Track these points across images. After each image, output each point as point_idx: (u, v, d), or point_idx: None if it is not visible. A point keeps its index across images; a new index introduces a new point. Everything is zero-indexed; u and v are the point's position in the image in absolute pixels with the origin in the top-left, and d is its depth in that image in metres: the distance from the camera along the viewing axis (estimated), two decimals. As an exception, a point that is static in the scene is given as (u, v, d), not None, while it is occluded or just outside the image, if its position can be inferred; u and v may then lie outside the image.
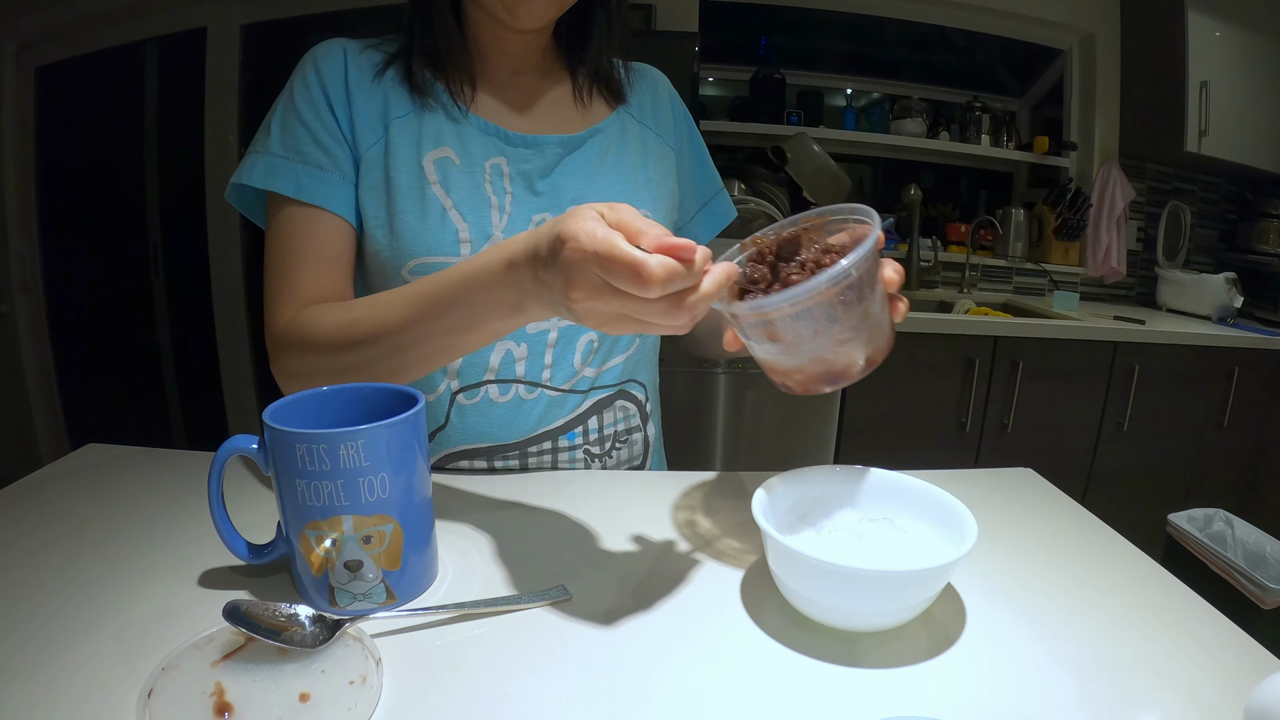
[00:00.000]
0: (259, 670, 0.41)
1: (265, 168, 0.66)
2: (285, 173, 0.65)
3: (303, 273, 0.66)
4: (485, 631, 0.47)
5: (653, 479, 0.74)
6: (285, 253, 0.67)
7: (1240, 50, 2.30)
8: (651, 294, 0.41)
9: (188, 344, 2.61)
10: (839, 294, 0.45)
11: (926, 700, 0.42)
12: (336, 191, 0.67)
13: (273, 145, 0.67)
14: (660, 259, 0.40)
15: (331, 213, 0.67)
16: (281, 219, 0.67)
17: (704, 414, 1.98)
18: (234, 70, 2.34)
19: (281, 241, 0.67)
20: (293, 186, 0.65)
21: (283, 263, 0.67)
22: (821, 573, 0.45)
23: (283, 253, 0.67)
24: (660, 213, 0.77)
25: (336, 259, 0.68)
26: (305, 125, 0.66)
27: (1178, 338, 2.08)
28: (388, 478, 0.46)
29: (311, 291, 0.66)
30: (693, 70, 2.08)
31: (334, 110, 0.67)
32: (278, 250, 0.67)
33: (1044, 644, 0.48)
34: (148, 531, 0.58)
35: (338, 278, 0.68)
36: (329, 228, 0.67)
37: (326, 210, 0.66)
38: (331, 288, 0.68)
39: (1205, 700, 0.43)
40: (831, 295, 0.44)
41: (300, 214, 0.66)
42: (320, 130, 0.66)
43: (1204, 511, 1.46)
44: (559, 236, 0.43)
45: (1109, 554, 0.62)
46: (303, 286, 0.66)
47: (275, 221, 0.67)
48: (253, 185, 0.66)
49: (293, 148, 0.66)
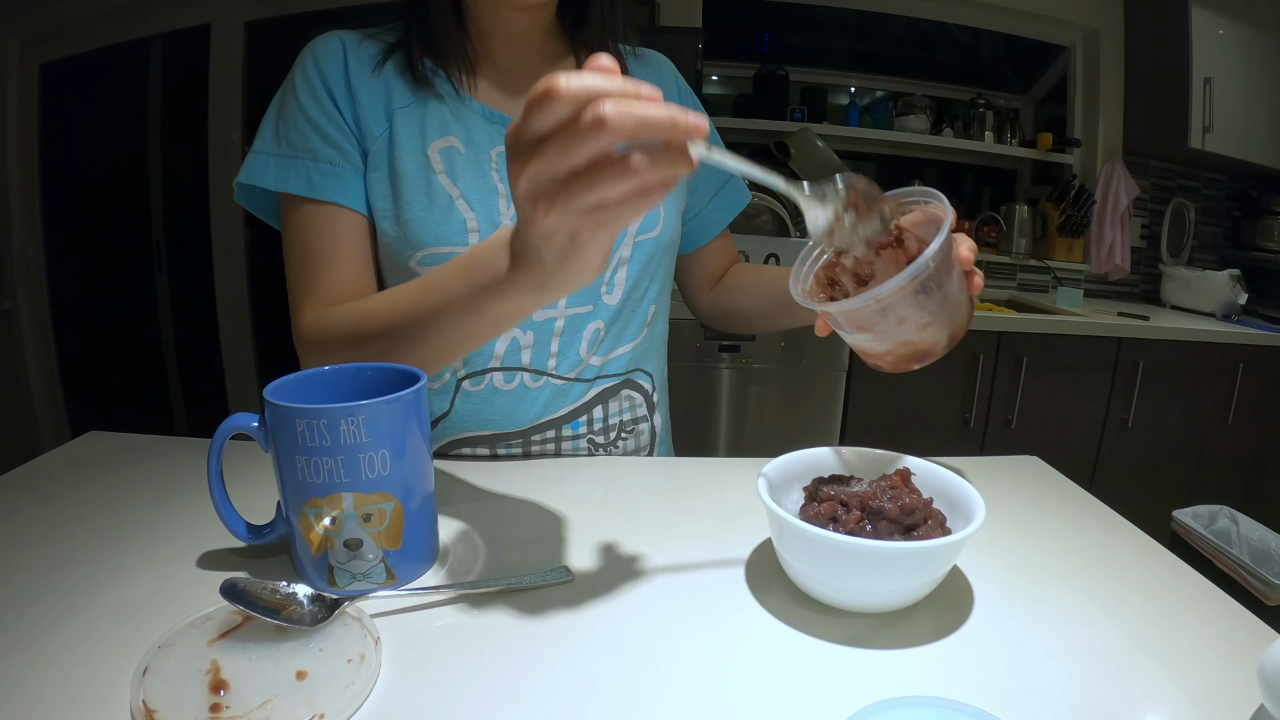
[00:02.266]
0: (255, 648, 0.40)
1: (277, 168, 0.65)
2: (296, 172, 0.65)
3: (323, 272, 0.66)
4: (487, 612, 0.47)
5: (656, 464, 0.73)
6: (305, 254, 0.66)
7: (1244, 46, 2.30)
8: (561, 109, 0.34)
9: (190, 340, 2.61)
10: (919, 287, 0.46)
11: (933, 681, 0.42)
12: (350, 186, 0.66)
13: (280, 144, 0.66)
14: None
15: (347, 208, 0.66)
16: (298, 219, 0.66)
17: (708, 408, 1.98)
18: (237, 67, 2.35)
19: (300, 242, 0.66)
20: (305, 185, 0.65)
21: (304, 264, 0.66)
22: (827, 551, 0.45)
23: (303, 254, 0.66)
24: (668, 198, 0.77)
25: (357, 254, 0.67)
26: (311, 121, 0.66)
27: (1182, 334, 2.07)
28: (388, 455, 0.45)
29: (334, 290, 0.65)
30: (696, 67, 2.07)
31: (337, 103, 0.66)
32: (298, 251, 0.66)
33: (1051, 627, 0.47)
34: (147, 514, 0.58)
35: (360, 273, 0.68)
36: (346, 224, 0.67)
37: (342, 206, 0.66)
38: (354, 284, 0.67)
39: (1213, 681, 0.42)
40: (912, 289, 0.46)
41: (316, 212, 0.66)
42: (327, 125, 0.66)
43: (1209, 508, 1.46)
44: None
45: (1115, 539, 0.61)
46: (325, 286, 0.65)
47: (291, 221, 0.67)
48: (265, 187, 0.66)
49: (301, 146, 0.65)
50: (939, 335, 0.51)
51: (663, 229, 0.76)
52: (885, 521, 0.48)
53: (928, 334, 0.51)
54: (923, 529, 0.47)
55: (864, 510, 0.48)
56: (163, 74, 2.41)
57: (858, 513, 0.48)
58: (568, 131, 0.35)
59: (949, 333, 0.52)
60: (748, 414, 2.00)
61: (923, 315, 0.49)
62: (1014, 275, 2.65)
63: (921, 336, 0.51)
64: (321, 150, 0.65)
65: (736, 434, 2.01)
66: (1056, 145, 2.58)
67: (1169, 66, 2.30)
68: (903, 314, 0.48)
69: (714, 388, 1.96)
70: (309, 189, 0.65)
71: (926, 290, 0.47)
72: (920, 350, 0.52)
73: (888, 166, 2.78)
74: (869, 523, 0.48)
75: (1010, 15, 2.54)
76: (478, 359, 0.72)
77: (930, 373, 2.20)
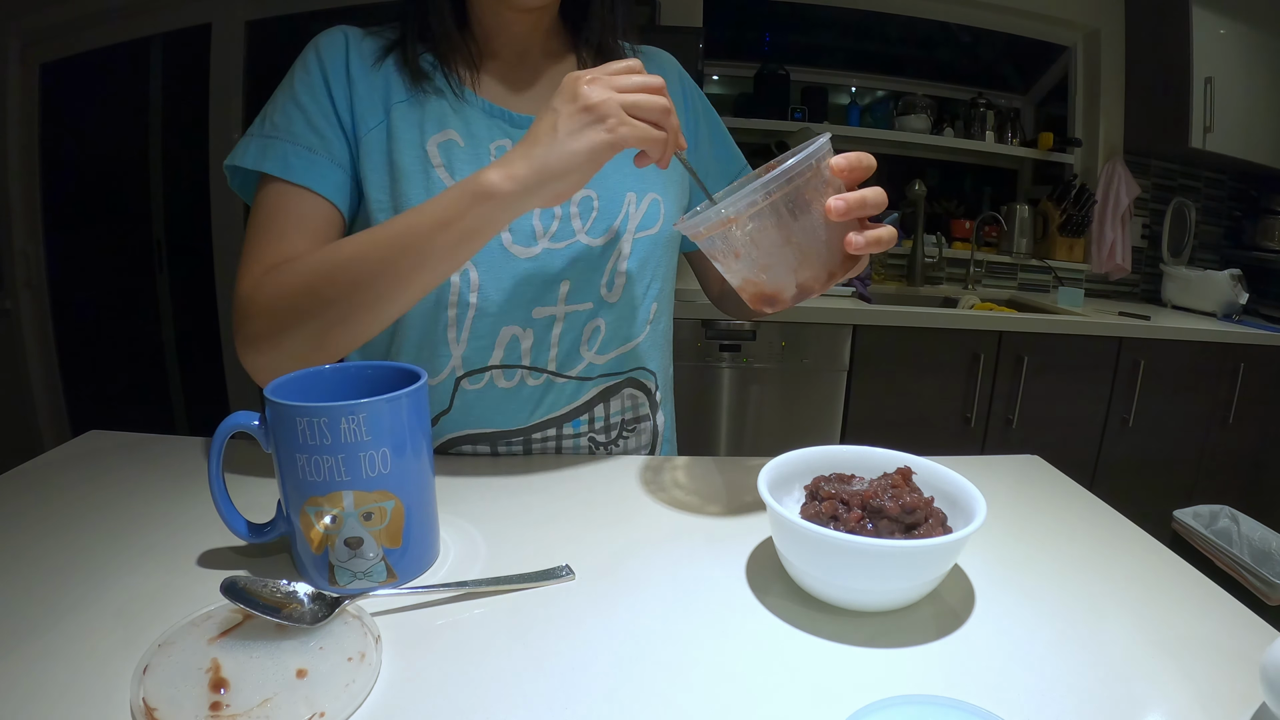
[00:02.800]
0: (256, 646, 0.40)
1: (257, 148, 0.65)
2: (275, 152, 0.65)
3: (278, 243, 0.64)
4: (488, 610, 0.47)
5: (657, 462, 0.73)
6: (261, 225, 0.65)
7: (1245, 46, 2.30)
8: None
9: (190, 340, 2.61)
10: (749, 220, 0.47)
11: (935, 680, 0.42)
12: (325, 174, 0.66)
13: (266, 127, 0.66)
14: None
15: (318, 194, 0.66)
16: (266, 195, 0.66)
17: (708, 408, 1.98)
18: (238, 66, 2.34)
19: (263, 218, 0.66)
20: (280, 166, 0.65)
21: (256, 234, 0.65)
22: (828, 550, 0.45)
23: (258, 225, 0.65)
24: (669, 195, 0.77)
25: (312, 233, 0.66)
26: (301, 108, 0.66)
27: (1183, 334, 2.07)
28: (389, 453, 0.45)
29: (279, 258, 0.64)
30: (697, 66, 2.07)
31: (333, 96, 0.67)
32: (254, 224, 0.66)
33: (1052, 625, 0.47)
34: (148, 513, 0.58)
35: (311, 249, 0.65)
36: (313, 206, 0.66)
37: (313, 191, 0.65)
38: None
39: (1214, 681, 0.42)
40: (736, 223, 0.47)
41: (285, 191, 0.65)
42: (315, 114, 0.66)
43: (1209, 508, 1.46)
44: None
45: (1116, 538, 0.61)
46: (272, 253, 0.64)
47: (259, 198, 0.66)
48: (243, 166, 0.66)
49: (285, 128, 0.66)
50: (783, 280, 0.50)
51: (662, 226, 0.76)
52: (886, 520, 0.48)
53: (769, 276, 0.50)
54: (923, 528, 0.47)
55: (865, 509, 0.48)
56: (163, 73, 2.41)
57: (858, 511, 0.48)
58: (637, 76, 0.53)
59: (798, 280, 0.50)
60: (748, 413, 2.00)
61: (761, 255, 0.48)
62: (1015, 275, 2.65)
63: (763, 278, 0.50)
64: (303, 135, 0.65)
65: (737, 433, 2.01)
66: (1057, 145, 2.58)
67: (1170, 66, 2.30)
68: (738, 249, 0.48)
69: (714, 387, 1.96)
70: (284, 170, 0.64)
71: (760, 227, 0.47)
72: (765, 293, 0.51)
73: (888, 166, 2.77)
74: (870, 521, 0.48)
75: (1011, 15, 2.54)
76: (477, 357, 0.72)
77: (930, 373, 2.19)
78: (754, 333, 1.92)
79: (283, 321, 0.61)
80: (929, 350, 1.98)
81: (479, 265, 0.69)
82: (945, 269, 2.59)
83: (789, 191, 0.47)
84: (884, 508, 0.48)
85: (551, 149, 0.53)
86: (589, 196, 0.72)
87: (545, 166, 0.53)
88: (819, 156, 0.48)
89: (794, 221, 0.48)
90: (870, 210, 0.50)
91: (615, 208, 0.73)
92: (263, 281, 0.62)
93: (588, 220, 0.72)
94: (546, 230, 0.70)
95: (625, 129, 0.52)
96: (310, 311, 0.60)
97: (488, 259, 0.69)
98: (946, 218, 2.71)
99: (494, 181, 0.54)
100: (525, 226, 0.70)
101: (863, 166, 0.51)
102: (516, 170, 0.53)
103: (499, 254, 0.69)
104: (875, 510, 0.48)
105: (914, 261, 2.47)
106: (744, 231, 0.48)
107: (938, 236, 2.55)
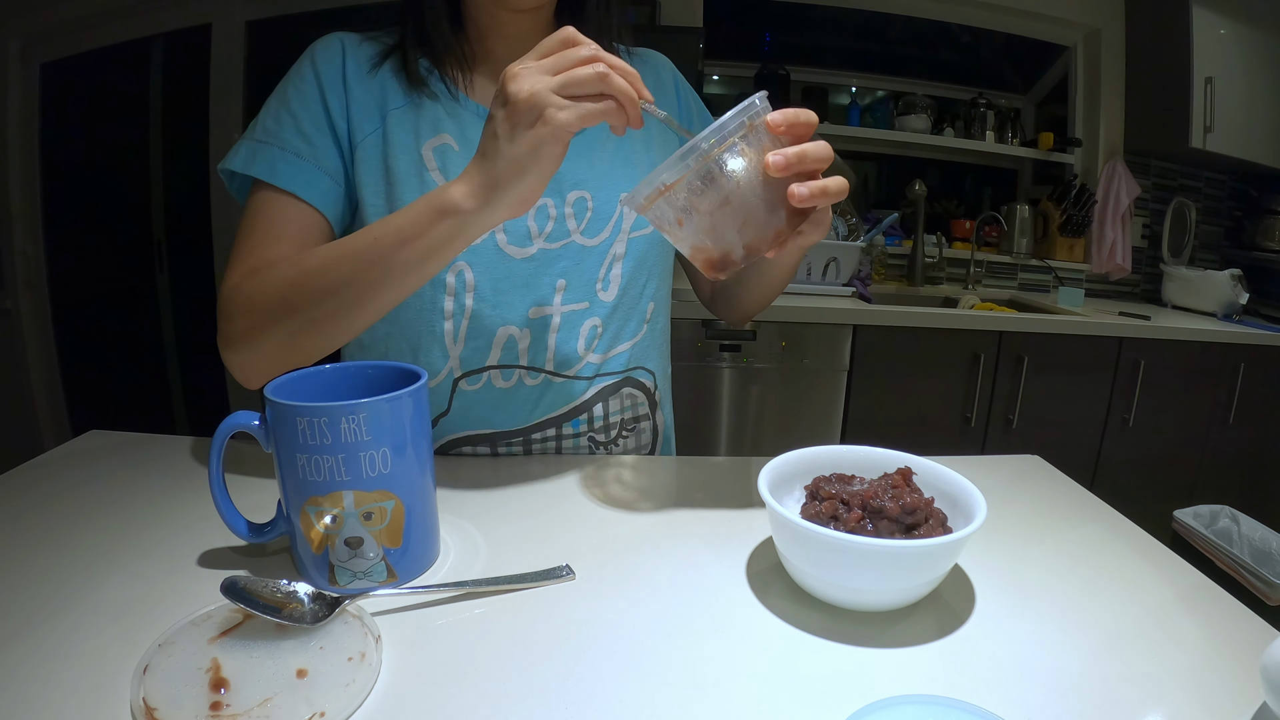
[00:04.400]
0: (256, 646, 0.40)
1: (247, 153, 0.66)
2: (263, 157, 0.65)
3: (258, 244, 0.65)
4: (488, 611, 0.47)
5: (657, 462, 0.73)
6: (247, 228, 0.66)
7: (1245, 46, 2.29)
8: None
9: (192, 340, 2.61)
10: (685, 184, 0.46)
11: (935, 680, 0.42)
12: (312, 181, 0.66)
13: (258, 132, 0.67)
14: None
15: (303, 200, 0.66)
16: (253, 199, 0.67)
17: (708, 408, 1.98)
18: (238, 67, 2.34)
19: (249, 223, 0.66)
20: (268, 170, 0.65)
21: (242, 237, 0.66)
22: (828, 549, 0.45)
23: (245, 228, 0.66)
24: None
25: (295, 238, 0.66)
26: (292, 114, 0.66)
27: (1183, 334, 2.07)
28: (389, 453, 0.45)
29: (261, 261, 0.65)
30: (697, 66, 2.07)
31: (327, 104, 0.67)
32: (242, 227, 0.67)
33: (1052, 625, 0.47)
34: (148, 513, 0.58)
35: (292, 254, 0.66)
36: (298, 212, 0.66)
37: (297, 197, 0.65)
38: None
39: (1215, 680, 0.42)
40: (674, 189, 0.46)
41: (271, 196, 0.66)
42: (306, 121, 0.66)
43: (1210, 508, 1.45)
44: None
45: (1116, 538, 0.61)
46: (254, 256, 0.65)
47: (248, 202, 0.67)
48: (232, 169, 0.66)
49: (275, 133, 0.66)
50: (730, 240, 0.49)
51: None
52: (886, 520, 0.48)
53: (714, 240, 0.49)
54: (924, 528, 0.47)
55: (865, 509, 0.48)
56: (163, 74, 2.41)
57: (859, 511, 0.48)
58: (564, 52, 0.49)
59: (743, 241, 0.49)
60: (748, 413, 1.99)
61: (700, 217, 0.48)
62: (1015, 275, 2.65)
63: (708, 242, 0.49)
64: (291, 141, 0.66)
65: (737, 433, 2.00)
66: (1057, 145, 2.58)
67: (1170, 66, 2.30)
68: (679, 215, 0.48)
69: (714, 387, 1.96)
70: (270, 175, 0.65)
71: (693, 189, 0.46)
72: (713, 259, 0.50)
73: (888, 166, 2.78)
74: (870, 521, 0.48)
75: (1011, 15, 2.54)
76: (475, 357, 0.72)
77: (930, 373, 2.19)
78: (754, 333, 1.92)
79: (258, 323, 0.61)
80: (929, 350, 1.98)
81: (474, 266, 0.69)
82: (945, 269, 2.59)
83: (724, 150, 0.46)
84: (884, 508, 0.48)
85: (497, 160, 0.50)
86: (583, 197, 0.72)
87: (496, 179, 0.51)
88: (752, 114, 0.47)
89: (732, 181, 0.47)
90: (813, 164, 0.48)
91: (610, 207, 0.73)
92: (242, 284, 0.63)
93: (583, 220, 0.72)
94: (541, 230, 0.71)
95: (564, 114, 0.48)
96: (282, 316, 0.60)
97: (483, 260, 0.69)
98: (947, 218, 2.71)
99: (455, 198, 0.52)
100: (520, 227, 0.70)
101: (802, 121, 0.48)
102: (474, 185, 0.52)
103: (494, 254, 0.69)
104: (875, 510, 0.48)
105: (914, 261, 2.46)
106: (683, 197, 0.47)
107: (938, 236, 2.55)
